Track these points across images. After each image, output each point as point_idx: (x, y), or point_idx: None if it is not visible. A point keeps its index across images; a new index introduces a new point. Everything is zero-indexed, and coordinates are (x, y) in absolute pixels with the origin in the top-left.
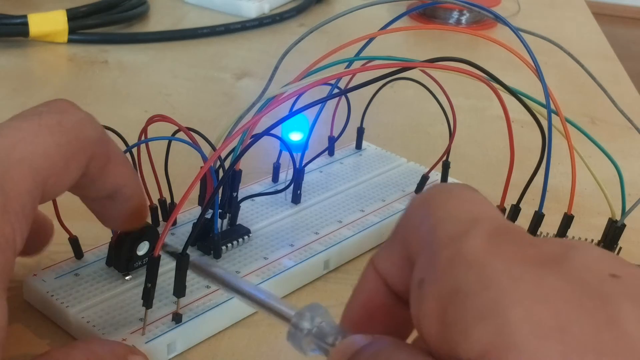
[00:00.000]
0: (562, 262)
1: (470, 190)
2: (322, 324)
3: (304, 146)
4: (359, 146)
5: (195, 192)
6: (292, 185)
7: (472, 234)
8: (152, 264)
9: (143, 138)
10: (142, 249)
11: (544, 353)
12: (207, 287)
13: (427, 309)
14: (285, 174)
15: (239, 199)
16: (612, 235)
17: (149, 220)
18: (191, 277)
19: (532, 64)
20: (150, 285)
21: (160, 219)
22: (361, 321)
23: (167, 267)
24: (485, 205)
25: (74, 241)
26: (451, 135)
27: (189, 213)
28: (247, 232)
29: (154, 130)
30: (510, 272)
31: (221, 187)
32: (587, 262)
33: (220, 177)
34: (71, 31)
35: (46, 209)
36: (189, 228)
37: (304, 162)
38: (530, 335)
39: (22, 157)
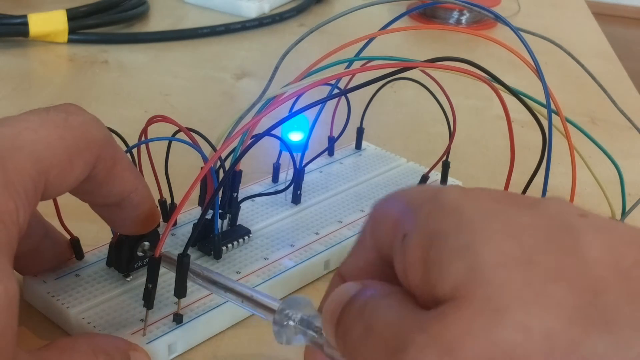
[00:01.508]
0: (536, 205)
1: None
2: (306, 312)
3: (304, 146)
4: (358, 146)
5: (196, 192)
6: (292, 186)
7: (447, 189)
8: (152, 265)
9: (143, 138)
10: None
11: (510, 284)
12: None
13: (412, 256)
14: (285, 174)
15: (239, 199)
16: None
17: None
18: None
19: (532, 64)
20: (151, 286)
21: (161, 219)
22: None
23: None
24: None
25: (75, 242)
26: (451, 135)
27: (189, 214)
28: (247, 232)
29: (154, 130)
30: (486, 212)
31: (221, 188)
32: (559, 206)
33: (220, 178)
34: (71, 31)
35: (47, 209)
36: (189, 229)
37: (304, 162)
38: (498, 269)
39: (24, 144)
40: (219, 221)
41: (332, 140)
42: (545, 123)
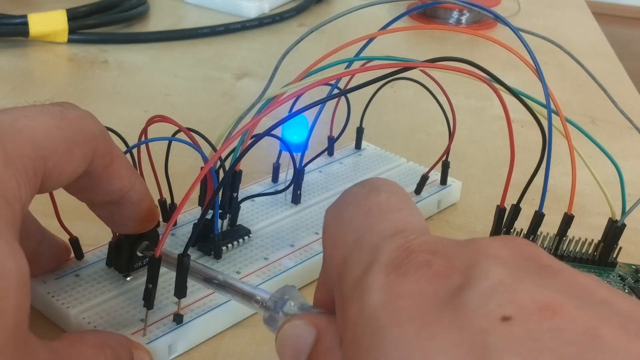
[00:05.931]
0: (458, 305)
1: (382, 194)
2: (296, 305)
3: (303, 146)
4: (358, 146)
5: (196, 192)
6: (292, 186)
7: (373, 270)
8: (153, 265)
9: (143, 138)
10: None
11: None
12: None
13: None
14: (285, 174)
15: (239, 199)
16: (612, 235)
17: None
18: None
19: (532, 64)
20: (151, 286)
21: (161, 219)
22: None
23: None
24: (391, 217)
25: (74, 242)
26: (451, 135)
27: (189, 214)
28: (247, 232)
29: (154, 130)
30: (403, 342)
31: (221, 188)
32: (481, 300)
33: (220, 178)
34: (71, 31)
35: (46, 208)
36: (189, 229)
37: (304, 162)
38: None
39: (23, 128)
40: (219, 221)
41: (331, 140)
42: (545, 123)
